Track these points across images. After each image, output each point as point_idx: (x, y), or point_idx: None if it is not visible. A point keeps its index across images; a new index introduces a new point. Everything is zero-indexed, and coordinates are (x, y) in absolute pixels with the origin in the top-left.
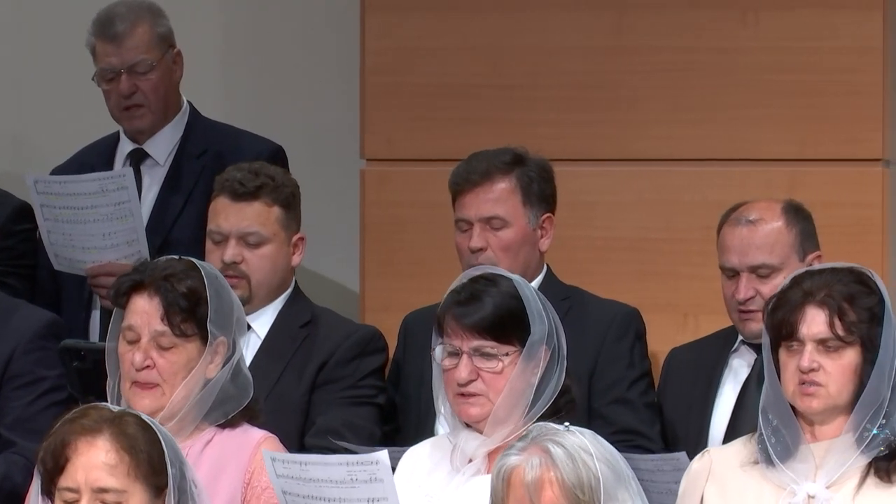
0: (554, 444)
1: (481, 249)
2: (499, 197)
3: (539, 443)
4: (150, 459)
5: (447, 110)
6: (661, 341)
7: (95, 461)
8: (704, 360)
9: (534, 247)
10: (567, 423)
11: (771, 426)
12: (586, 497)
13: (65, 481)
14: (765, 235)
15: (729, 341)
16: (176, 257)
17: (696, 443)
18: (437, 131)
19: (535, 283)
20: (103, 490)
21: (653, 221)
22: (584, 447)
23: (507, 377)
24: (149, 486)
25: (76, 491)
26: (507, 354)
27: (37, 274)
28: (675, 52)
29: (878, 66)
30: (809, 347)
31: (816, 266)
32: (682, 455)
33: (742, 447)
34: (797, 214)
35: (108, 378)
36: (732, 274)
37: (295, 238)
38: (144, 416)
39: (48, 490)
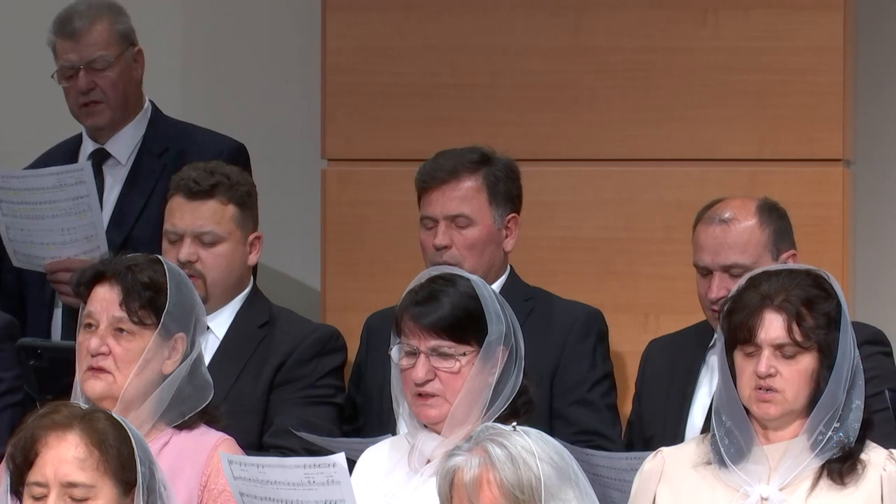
0: (494, 444)
1: (446, 247)
2: (465, 195)
3: (481, 443)
4: (120, 455)
5: (408, 110)
6: (623, 341)
7: (65, 455)
8: (681, 357)
9: (498, 246)
10: (514, 424)
11: (724, 427)
12: (526, 497)
13: (34, 476)
14: (737, 234)
15: (706, 336)
16: (140, 254)
17: (672, 440)
18: (398, 131)
19: (499, 282)
20: (72, 485)
21: (613, 221)
22: (526, 447)
23: (465, 377)
24: (118, 482)
25: (44, 485)
26: (464, 354)
27: (2, 277)
28: (634, 52)
29: (838, 65)
30: (767, 353)
31: (773, 267)
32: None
33: (696, 447)
34: (771, 213)
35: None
36: (706, 272)
37: (251, 237)
38: (115, 415)
39: (17, 489)
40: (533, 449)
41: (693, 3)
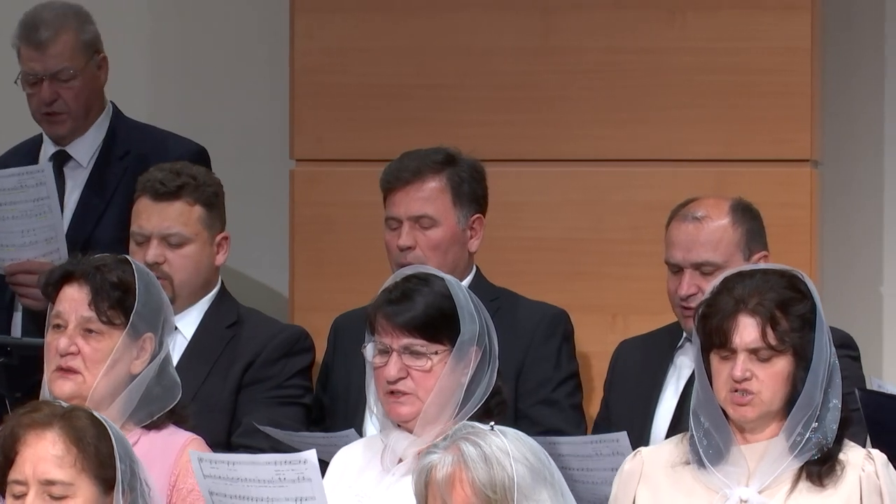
0: (469, 443)
1: (410, 248)
2: (429, 196)
3: (456, 442)
4: (98, 453)
5: (376, 111)
6: (590, 342)
7: (43, 453)
8: (650, 358)
9: (463, 247)
10: (492, 423)
11: (702, 428)
12: (498, 496)
13: (14, 474)
14: (710, 233)
15: (675, 337)
16: (108, 254)
17: (638, 440)
18: (367, 132)
19: (465, 283)
20: (50, 482)
21: (581, 222)
22: (501, 447)
23: (437, 376)
24: (97, 480)
25: (24, 483)
26: (436, 353)
27: None
28: (602, 52)
29: (806, 66)
30: (742, 357)
31: (747, 267)
32: (623, 436)
33: (674, 448)
34: (745, 213)
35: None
36: (677, 269)
37: (219, 237)
38: (96, 413)
39: (0, 488)
40: (508, 449)
41: (661, 3)
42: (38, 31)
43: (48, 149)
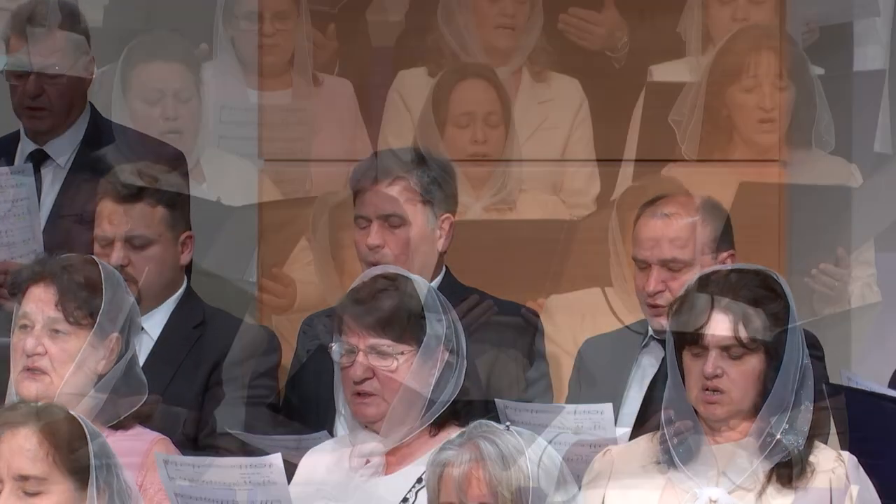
0: (487, 441)
1: (379, 247)
2: (398, 195)
3: (473, 439)
4: (72, 449)
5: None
6: (560, 342)
7: (17, 449)
8: (615, 356)
9: (432, 246)
10: (508, 423)
11: (673, 427)
12: (513, 496)
13: None
14: (678, 230)
15: (641, 336)
16: (75, 255)
17: None
18: (336, 131)
19: (434, 283)
20: (24, 478)
21: (552, 222)
22: (518, 447)
23: (403, 377)
24: (71, 476)
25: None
26: (402, 353)
27: None
28: (572, 52)
29: (774, 66)
30: (714, 354)
31: (722, 267)
32: (607, 407)
33: (645, 446)
34: (713, 211)
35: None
36: (644, 266)
37: (183, 236)
38: (73, 412)
39: None
40: (524, 449)
41: (632, 3)
42: (33, 23)
43: (26, 147)
